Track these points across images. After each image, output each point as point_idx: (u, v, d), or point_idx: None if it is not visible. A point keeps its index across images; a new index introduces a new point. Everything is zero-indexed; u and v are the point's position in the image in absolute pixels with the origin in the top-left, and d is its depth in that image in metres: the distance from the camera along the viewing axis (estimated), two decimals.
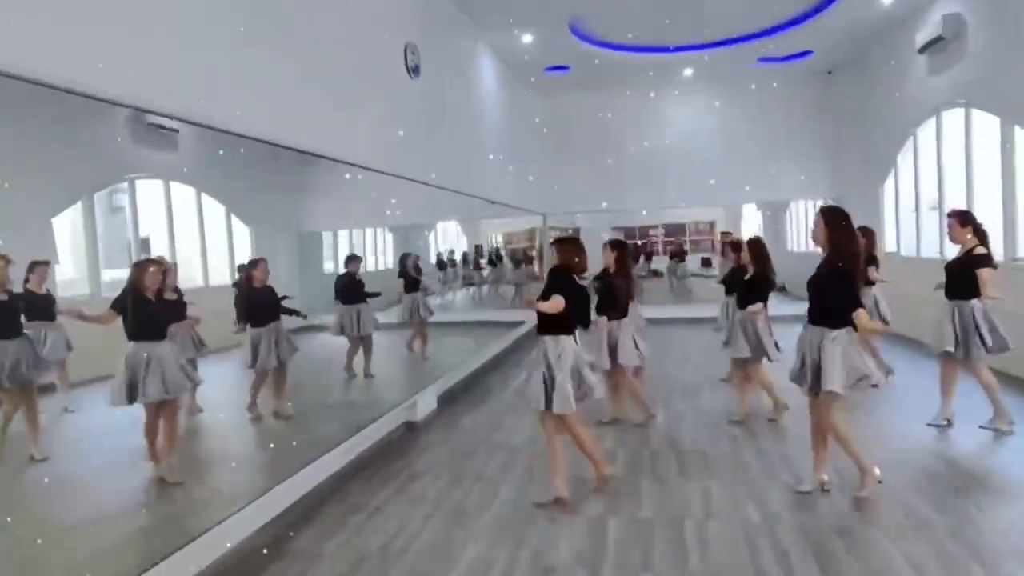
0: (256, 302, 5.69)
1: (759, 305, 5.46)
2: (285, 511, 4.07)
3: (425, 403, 6.24)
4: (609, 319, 5.71)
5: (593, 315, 4.46)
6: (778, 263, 5.87)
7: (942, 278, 5.15)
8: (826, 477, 4.08)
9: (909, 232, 9.72)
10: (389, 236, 17.34)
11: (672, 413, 6.04)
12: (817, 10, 9.30)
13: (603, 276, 5.87)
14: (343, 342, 7.23)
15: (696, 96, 12.64)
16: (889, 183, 10.35)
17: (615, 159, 12.48)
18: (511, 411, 6.39)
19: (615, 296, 5.68)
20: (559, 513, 3.96)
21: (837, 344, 3.76)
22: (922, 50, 8.63)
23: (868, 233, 6.70)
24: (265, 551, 3.62)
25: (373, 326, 7.37)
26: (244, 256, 11.54)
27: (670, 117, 12.77)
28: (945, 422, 5.14)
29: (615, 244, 5.92)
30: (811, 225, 4.03)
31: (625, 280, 5.83)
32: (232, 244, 13.39)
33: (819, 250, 3.97)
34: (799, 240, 14.05)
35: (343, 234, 16.10)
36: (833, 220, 3.91)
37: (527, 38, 9.62)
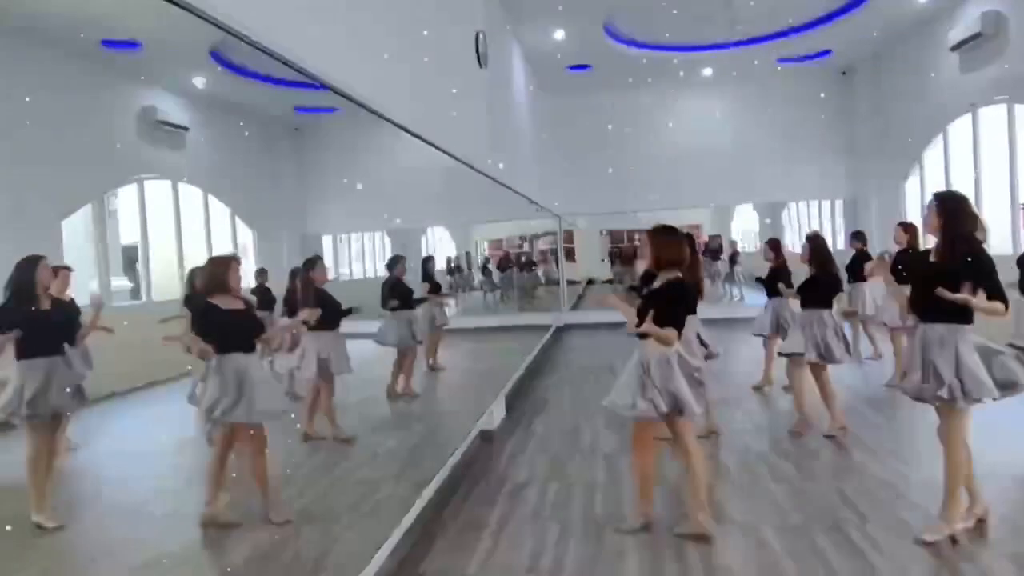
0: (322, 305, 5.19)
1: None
2: (407, 532, 3.72)
3: (498, 411, 5.94)
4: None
5: None
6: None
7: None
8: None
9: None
10: (387, 241, 16.96)
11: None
12: (846, 10, 9.34)
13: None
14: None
15: (713, 96, 12.62)
16: (912, 180, 10.44)
17: (629, 160, 12.35)
18: (580, 415, 6.15)
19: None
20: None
21: (970, 343, 3.27)
22: (955, 48, 8.71)
23: (911, 228, 6.65)
24: None
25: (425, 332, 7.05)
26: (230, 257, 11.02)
27: (686, 116, 12.72)
28: None
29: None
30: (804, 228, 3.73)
31: (693, 275, 5.65)
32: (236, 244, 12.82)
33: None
34: (798, 241, 14.12)
35: (352, 237, 15.66)
36: (951, 206, 3.44)
37: (559, 34, 9.43)
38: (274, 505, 3.61)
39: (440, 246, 16.59)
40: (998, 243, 7.43)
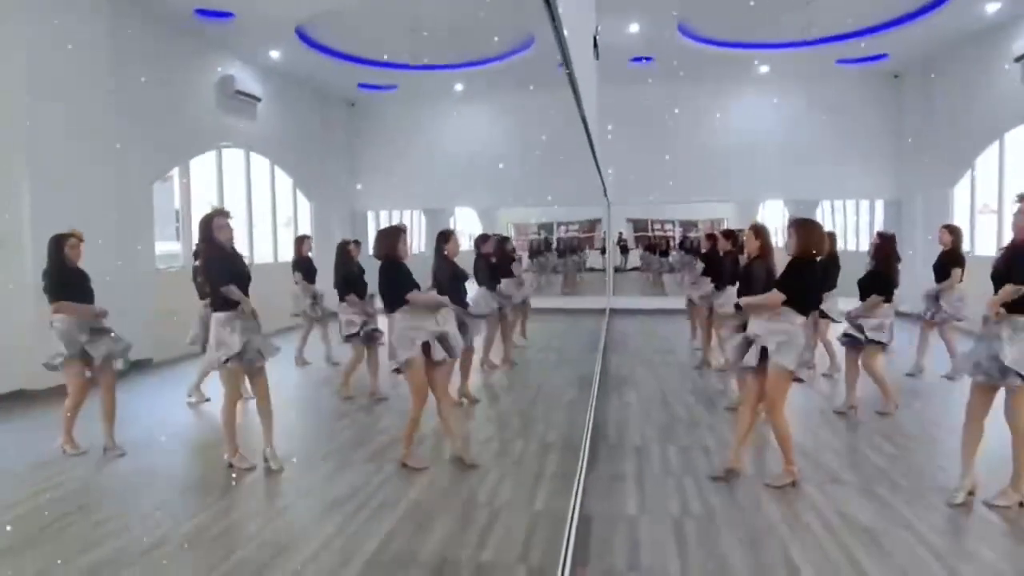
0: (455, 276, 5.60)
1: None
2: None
3: (594, 383, 6.42)
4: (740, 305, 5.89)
5: None
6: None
7: None
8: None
9: (988, 232, 10.20)
10: (424, 219, 17.35)
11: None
12: (911, 16, 9.66)
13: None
14: None
15: (767, 92, 12.93)
16: (962, 185, 10.82)
17: (682, 151, 12.70)
18: (665, 391, 6.62)
19: (751, 279, 5.88)
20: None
21: None
22: (1020, 59, 9.05)
23: (955, 230, 7.04)
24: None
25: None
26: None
27: (738, 111, 13.04)
28: None
29: (758, 231, 6.14)
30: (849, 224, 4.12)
31: (758, 264, 6.05)
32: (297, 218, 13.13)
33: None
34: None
35: (405, 214, 16.02)
36: None
37: (633, 27, 9.75)
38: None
39: (467, 227, 17.00)
40: None
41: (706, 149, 12.81)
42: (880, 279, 5.68)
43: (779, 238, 13.49)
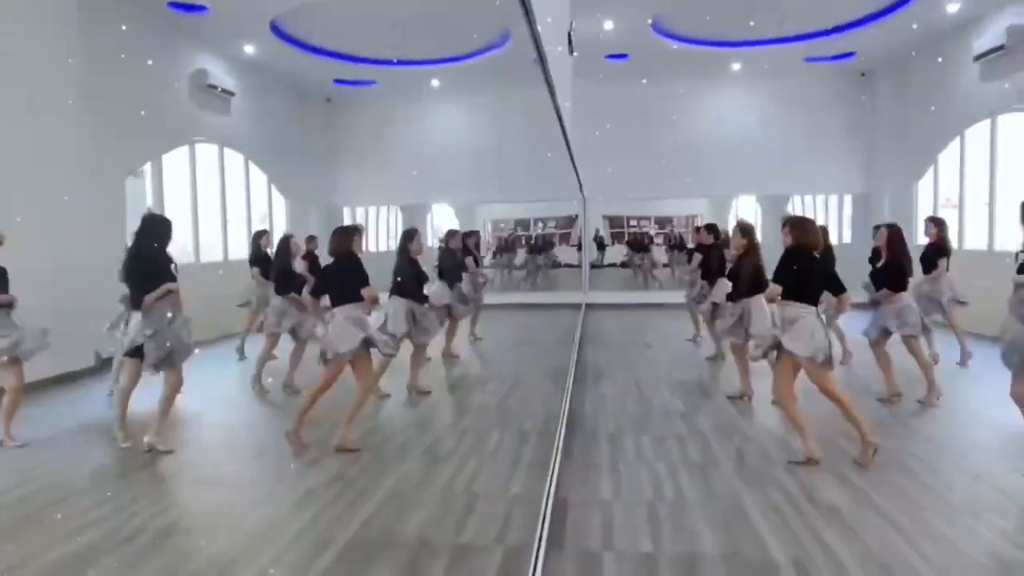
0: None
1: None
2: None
3: (569, 375, 6.49)
4: (734, 300, 6.03)
5: None
6: (777, 255, 6.22)
7: None
8: None
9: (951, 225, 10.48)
10: (400, 216, 17.30)
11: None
12: (878, 15, 9.91)
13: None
14: None
15: (739, 90, 13.16)
16: (926, 180, 11.12)
17: (657, 148, 12.85)
18: (641, 382, 6.72)
19: (739, 276, 6.02)
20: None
21: None
22: (978, 58, 9.34)
23: (940, 223, 7.24)
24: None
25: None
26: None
27: (711, 108, 13.25)
28: None
29: (745, 229, 6.29)
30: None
31: (746, 260, 6.20)
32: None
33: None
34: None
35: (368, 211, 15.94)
36: None
37: (608, 24, 9.85)
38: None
39: (444, 224, 17.00)
40: (1011, 243, 8.10)
41: (681, 146, 12.97)
42: (896, 270, 5.75)
43: (759, 234, 13.70)
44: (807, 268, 4.27)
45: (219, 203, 11.12)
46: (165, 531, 3.45)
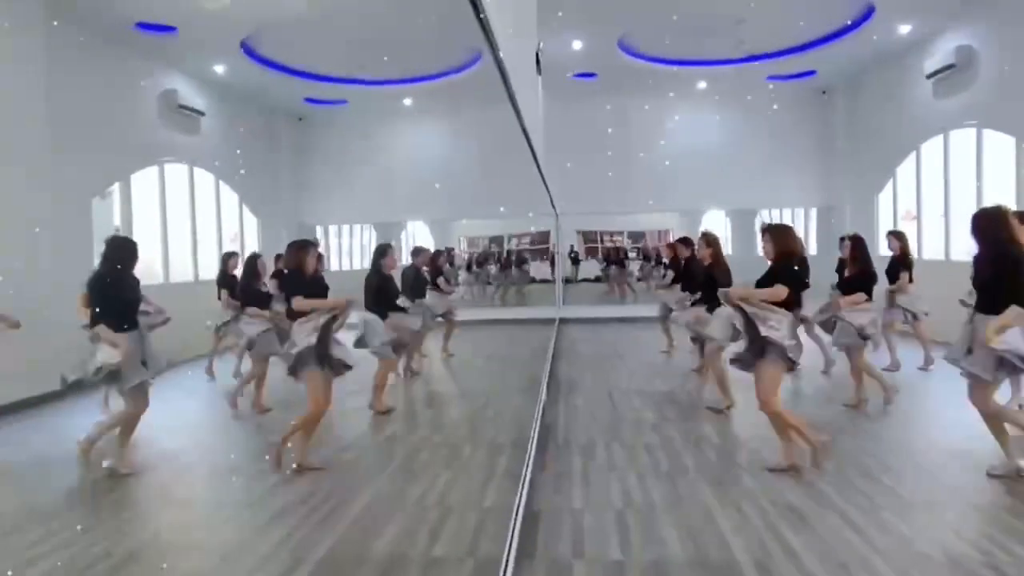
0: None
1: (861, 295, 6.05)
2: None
3: (543, 388, 6.57)
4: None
5: None
6: (747, 267, 6.29)
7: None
8: None
9: (910, 237, 10.84)
10: (373, 234, 17.30)
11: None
12: (835, 36, 10.30)
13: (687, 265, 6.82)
14: None
15: (704, 108, 13.50)
16: (885, 193, 11.51)
17: (627, 164, 13.11)
18: (613, 394, 6.82)
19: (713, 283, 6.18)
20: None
21: None
22: (930, 76, 9.74)
23: (901, 236, 7.50)
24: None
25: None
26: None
27: (678, 126, 13.56)
28: None
29: (709, 240, 6.48)
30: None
31: (718, 268, 6.36)
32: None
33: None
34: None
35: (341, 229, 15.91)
36: None
37: (576, 44, 10.08)
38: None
39: (418, 241, 17.07)
40: (964, 252, 8.43)
41: (650, 161, 13.25)
42: (866, 278, 5.94)
43: (729, 247, 14.03)
44: (798, 275, 4.31)
45: (189, 223, 11.05)
46: (132, 555, 3.43)
